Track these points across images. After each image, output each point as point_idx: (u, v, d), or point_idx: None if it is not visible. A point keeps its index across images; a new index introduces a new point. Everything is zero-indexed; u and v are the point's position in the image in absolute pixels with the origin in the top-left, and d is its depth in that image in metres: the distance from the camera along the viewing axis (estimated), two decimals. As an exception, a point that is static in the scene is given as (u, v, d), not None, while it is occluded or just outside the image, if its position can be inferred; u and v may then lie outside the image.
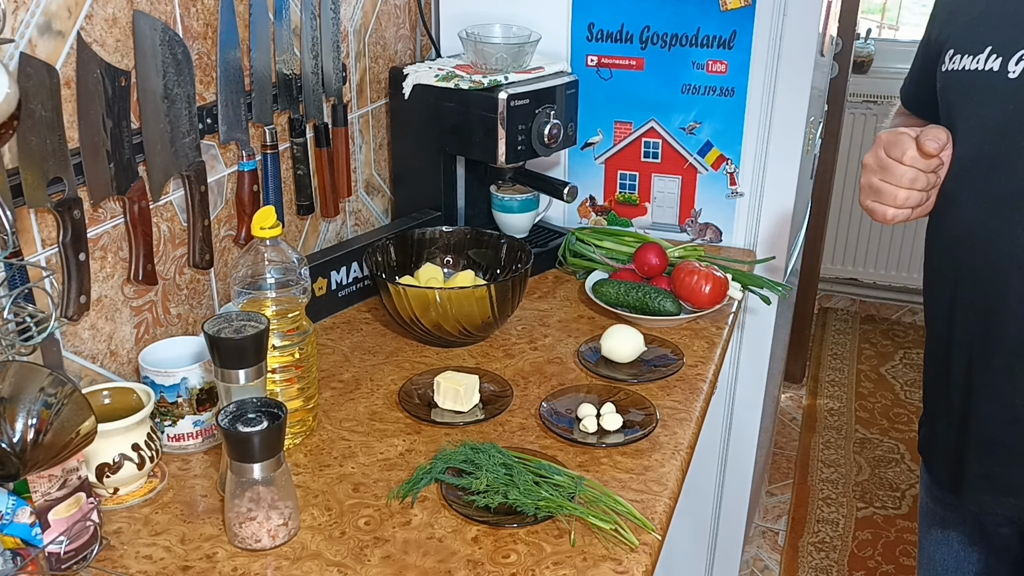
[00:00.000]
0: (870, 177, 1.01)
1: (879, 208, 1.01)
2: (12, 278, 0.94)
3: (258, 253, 1.06)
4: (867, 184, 1.02)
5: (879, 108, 3.50)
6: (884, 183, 0.99)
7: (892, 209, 1.00)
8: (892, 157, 0.98)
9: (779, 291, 1.56)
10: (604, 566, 0.90)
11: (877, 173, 1.00)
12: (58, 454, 0.80)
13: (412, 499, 1.00)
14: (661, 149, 1.72)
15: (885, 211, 1.01)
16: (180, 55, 1.15)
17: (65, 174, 1.00)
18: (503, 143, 1.49)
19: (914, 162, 0.97)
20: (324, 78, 1.47)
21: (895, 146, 0.98)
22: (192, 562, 0.91)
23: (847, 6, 2.63)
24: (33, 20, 0.96)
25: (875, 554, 2.38)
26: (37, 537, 0.83)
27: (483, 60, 1.57)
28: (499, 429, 1.15)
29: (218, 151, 1.29)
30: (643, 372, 1.28)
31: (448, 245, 1.50)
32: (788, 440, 2.91)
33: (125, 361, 1.17)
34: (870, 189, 1.01)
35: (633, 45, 1.66)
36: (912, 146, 0.97)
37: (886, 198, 1.00)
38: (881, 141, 1.00)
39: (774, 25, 1.57)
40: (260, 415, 0.90)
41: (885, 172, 0.99)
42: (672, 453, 1.09)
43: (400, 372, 1.29)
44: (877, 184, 1.00)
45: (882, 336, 3.59)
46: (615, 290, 1.44)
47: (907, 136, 0.97)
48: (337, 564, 0.90)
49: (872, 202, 1.02)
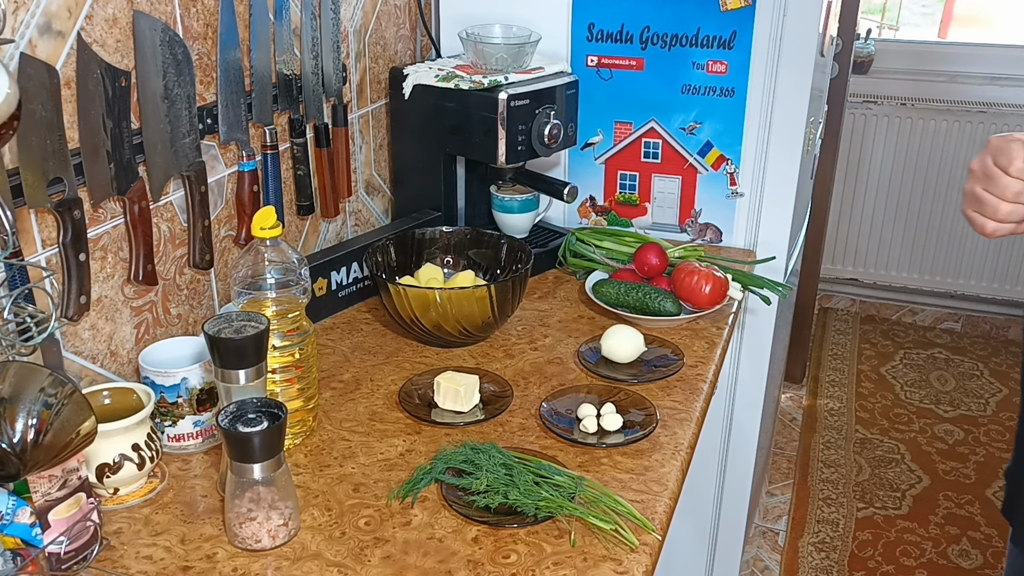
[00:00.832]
0: (974, 185, 0.94)
1: (979, 220, 0.95)
2: (12, 278, 0.94)
3: (258, 253, 1.06)
4: (970, 192, 0.95)
5: (879, 108, 3.51)
6: (987, 193, 0.93)
7: (992, 223, 0.94)
8: (999, 166, 0.91)
9: (779, 291, 1.56)
10: (604, 566, 0.90)
11: (981, 181, 0.93)
12: (58, 454, 0.80)
13: (412, 499, 1.00)
14: (661, 149, 1.72)
15: (984, 224, 0.94)
16: (180, 55, 1.15)
17: (65, 174, 1.00)
18: (503, 143, 1.49)
19: (1020, 174, 0.90)
20: (324, 78, 1.47)
21: (1004, 154, 0.90)
22: (192, 562, 0.91)
23: (847, 6, 2.63)
24: (33, 20, 0.96)
25: (875, 554, 2.38)
26: (37, 537, 0.83)
27: (483, 60, 1.57)
28: (499, 429, 1.15)
29: (218, 151, 1.29)
30: (643, 372, 1.28)
31: (448, 245, 1.50)
32: (788, 440, 2.91)
33: (125, 361, 1.17)
34: (973, 198, 0.95)
35: (633, 45, 1.66)
36: (1021, 156, 0.90)
37: (987, 210, 0.93)
38: (991, 147, 0.93)
39: (774, 25, 1.57)
40: (260, 415, 0.90)
41: (989, 182, 0.92)
42: (672, 453, 1.09)
43: (400, 372, 1.29)
44: (980, 194, 0.93)
45: (882, 336, 3.59)
46: (615, 290, 1.44)
47: (1019, 144, 0.90)
48: (337, 564, 0.90)
49: (973, 212, 0.95)
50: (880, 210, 3.65)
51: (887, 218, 3.66)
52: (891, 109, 3.50)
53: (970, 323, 3.67)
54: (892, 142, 3.54)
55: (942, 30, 3.83)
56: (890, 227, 3.67)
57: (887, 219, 3.66)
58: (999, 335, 3.58)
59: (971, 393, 3.16)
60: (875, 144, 3.56)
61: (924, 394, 3.15)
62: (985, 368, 3.34)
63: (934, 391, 3.17)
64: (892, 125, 3.52)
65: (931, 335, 3.60)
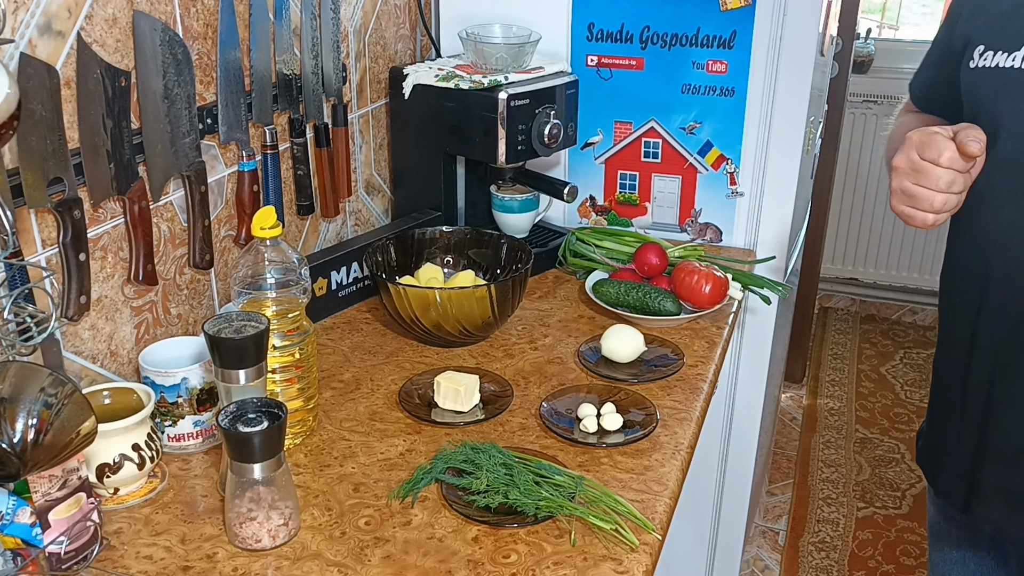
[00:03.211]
0: (902, 181, 0.95)
1: (917, 215, 0.95)
2: (12, 278, 0.94)
3: (258, 253, 1.06)
4: (899, 188, 0.95)
5: (879, 108, 3.51)
6: (920, 187, 0.93)
7: (932, 215, 0.94)
8: (927, 159, 0.91)
9: (779, 291, 1.56)
10: (604, 566, 0.90)
11: (910, 176, 0.93)
12: (58, 454, 0.80)
13: (412, 499, 1.00)
14: (661, 149, 1.72)
15: (925, 217, 0.94)
16: (180, 55, 1.15)
17: (65, 174, 1.00)
18: (503, 143, 1.49)
19: (952, 164, 0.90)
20: (324, 78, 1.47)
21: (930, 147, 0.91)
22: (192, 562, 0.91)
23: (847, 6, 2.63)
24: (33, 20, 0.96)
25: (875, 554, 2.38)
26: (37, 537, 0.83)
27: (483, 60, 1.57)
28: (499, 429, 1.15)
29: (218, 151, 1.29)
30: (643, 372, 1.28)
31: (448, 245, 1.50)
32: (788, 440, 2.91)
33: (125, 361, 1.17)
34: (903, 194, 0.95)
35: (633, 45, 1.66)
36: (950, 147, 0.90)
37: (922, 203, 0.93)
38: (912, 142, 0.93)
39: (774, 25, 1.57)
40: (260, 415, 0.90)
41: (920, 175, 0.92)
42: (672, 453, 1.09)
43: (400, 372, 1.29)
44: (911, 188, 0.94)
45: (882, 336, 3.59)
46: (615, 290, 1.44)
47: (942, 136, 0.91)
48: (337, 564, 0.90)
49: (907, 207, 0.95)
50: (880, 210, 3.65)
51: (887, 218, 3.65)
52: (891, 109, 3.49)
53: (970, 323, 3.66)
54: (892, 142, 3.54)
55: (942, 30, 3.83)
56: (890, 227, 3.67)
57: (887, 219, 3.66)
58: (999, 335, 3.58)
59: (971, 393, 3.16)
60: (875, 144, 3.56)
61: (924, 393, 3.15)
62: (985, 368, 3.33)
63: (934, 391, 3.17)
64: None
65: (931, 335, 3.60)
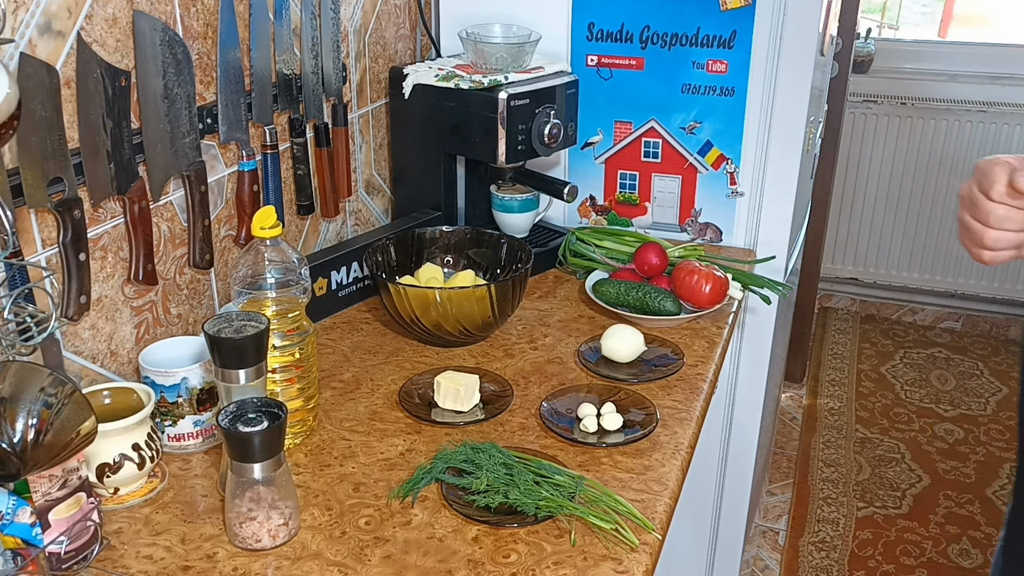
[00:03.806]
0: (963, 212, 0.88)
1: (973, 249, 0.88)
2: (12, 278, 0.94)
3: (258, 253, 1.06)
4: (960, 219, 0.89)
5: (879, 108, 3.51)
6: (973, 221, 0.87)
7: (988, 252, 0.87)
8: (982, 191, 0.85)
9: (779, 291, 1.56)
10: (604, 566, 0.90)
11: (968, 208, 0.87)
12: (58, 454, 0.80)
13: (412, 499, 1.00)
14: (661, 149, 1.72)
15: (980, 254, 0.88)
16: (180, 55, 1.15)
17: (65, 174, 1.00)
18: (503, 143, 1.49)
19: (1001, 198, 0.83)
20: (324, 78, 1.47)
21: (986, 177, 0.84)
22: (192, 562, 0.91)
23: (847, 6, 2.63)
24: (33, 20, 0.96)
25: (875, 554, 2.38)
26: (37, 537, 0.83)
27: (483, 60, 1.57)
28: (499, 429, 1.15)
29: (218, 151, 1.29)
30: (643, 372, 1.28)
31: (448, 245, 1.50)
32: (788, 440, 2.91)
33: (125, 361, 1.17)
34: (961, 224, 0.89)
35: (633, 45, 1.66)
36: (1002, 180, 0.83)
37: (974, 237, 0.87)
38: (977, 171, 0.87)
39: (774, 25, 1.57)
40: (260, 415, 0.90)
41: (974, 207, 0.86)
42: (672, 453, 1.09)
43: (400, 372, 1.29)
44: (966, 220, 0.88)
45: (882, 336, 3.59)
46: (615, 290, 1.44)
47: (1001, 166, 0.83)
48: (337, 564, 0.90)
49: (963, 240, 0.89)
50: (880, 210, 3.65)
51: (887, 218, 3.66)
52: (891, 109, 3.50)
53: (970, 322, 3.67)
54: (892, 142, 3.54)
55: (942, 29, 3.83)
56: (890, 227, 3.67)
57: (887, 219, 3.66)
58: (999, 334, 3.58)
59: (971, 392, 3.16)
60: (875, 144, 3.56)
61: (924, 393, 3.15)
62: (985, 367, 3.34)
63: (934, 390, 3.17)
64: (892, 125, 3.52)
65: (931, 334, 3.60)
